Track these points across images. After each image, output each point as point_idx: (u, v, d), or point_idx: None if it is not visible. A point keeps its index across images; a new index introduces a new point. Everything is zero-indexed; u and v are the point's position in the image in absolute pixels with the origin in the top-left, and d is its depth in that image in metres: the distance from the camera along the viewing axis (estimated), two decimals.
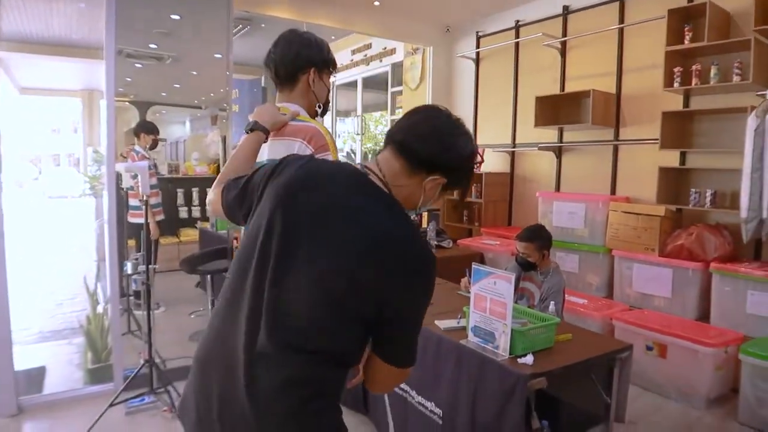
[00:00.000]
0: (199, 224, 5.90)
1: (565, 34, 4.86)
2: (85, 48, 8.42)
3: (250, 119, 1.53)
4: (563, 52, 4.91)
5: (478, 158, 1.20)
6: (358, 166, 1.17)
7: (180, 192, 6.09)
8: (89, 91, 12.88)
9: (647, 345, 3.53)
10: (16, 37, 7.33)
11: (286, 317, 1.02)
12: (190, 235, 5.92)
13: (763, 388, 3.05)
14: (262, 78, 9.35)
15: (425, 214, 5.09)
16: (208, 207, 1.36)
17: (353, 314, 1.04)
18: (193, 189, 6.17)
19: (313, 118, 1.69)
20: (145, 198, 2.92)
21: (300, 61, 1.65)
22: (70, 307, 5.33)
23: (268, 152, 1.57)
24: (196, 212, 6.08)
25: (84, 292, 3.93)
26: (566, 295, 3.38)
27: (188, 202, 6.12)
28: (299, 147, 1.55)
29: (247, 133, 1.49)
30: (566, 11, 4.85)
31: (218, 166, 6.55)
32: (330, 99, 1.78)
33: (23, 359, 3.32)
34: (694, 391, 3.33)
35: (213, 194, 1.33)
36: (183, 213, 6.06)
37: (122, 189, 4.12)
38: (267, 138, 1.52)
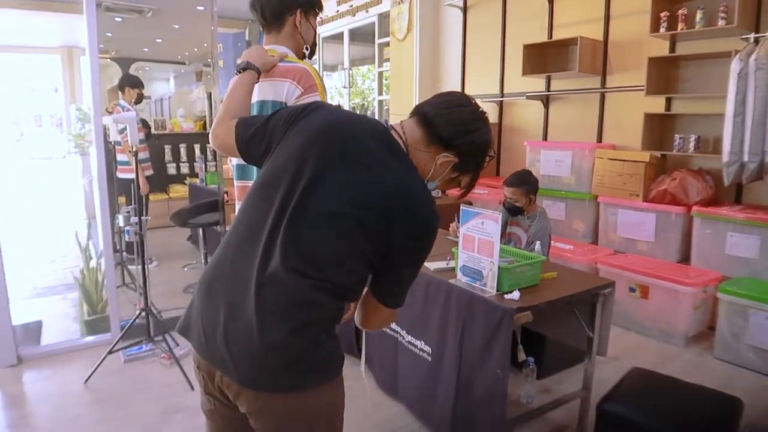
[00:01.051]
0: (188, 180, 5.89)
1: None
2: (63, 2, 8.18)
3: (238, 62, 1.55)
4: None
5: (492, 153, 1.28)
6: (383, 123, 1.24)
7: (167, 148, 6.05)
8: (68, 47, 12.52)
9: (630, 287, 3.65)
10: None
11: (300, 246, 1.10)
12: (179, 191, 5.93)
13: (738, 324, 3.19)
14: (246, 31, 9.15)
15: None
16: (213, 141, 1.39)
17: (359, 253, 1.13)
18: (181, 145, 6.13)
19: (301, 60, 1.70)
20: (134, 149, 2.92)
21: (286, 3, 1.65)
22: (63, 264, 5.36)
23: (258, 93, 1.58)
24: (184, 168, 6.06)
25: (75, 249, 3.96)
26: (552, 242, 3.47)
27: (176, 158, 6.09)
28: (288, 88, 1.57)
29: (239, 72, 1.50)
30: None
31: (205, 123, 6.49)
32: (317, 41, 1.78)
33: (19, 314, 3.36)
34: (673, 329, 3.47)
35: (222, 129, 1.36)
36: (171, 169, 6.05)
37: (110, 143, 4.09)
38: (259, 78, 1.53)
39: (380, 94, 7.45)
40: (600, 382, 2.48)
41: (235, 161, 1.79)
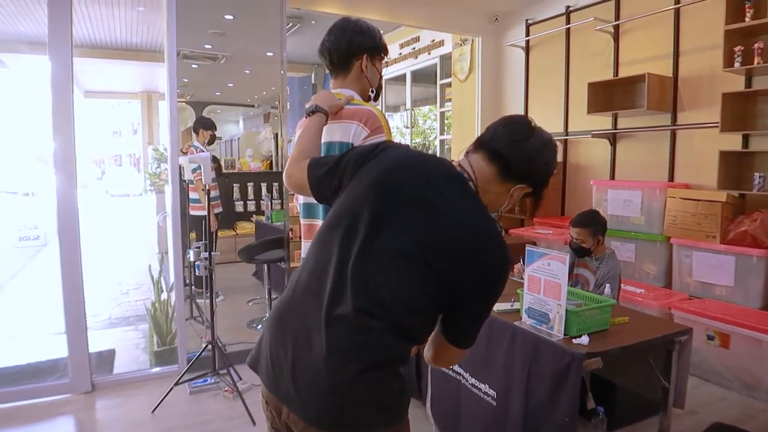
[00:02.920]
0: (254, 217, 6.10)
1: (618, 18, 4.74)
2: (144, 51, 8.82)
3: (307, 105, 1.61)
4: (616, 37, 4.79)
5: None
6: (454, 164, 1.24)
7: (236, 187, 6.30)
8: (148, 93, 13.45)
9: (708, 334, 3.43)
10: (82, 42, 7.75)
11: (369, 286, 1.10)
12: (245, 228, 6.13)
13: None
14: (312, 75, 9.54)
15: None
16: (286, 180, 1.44)
17: (427, 294, 1.12)
18: (248, 184, 6.37)
19: (367, 102, 1.75)
20: (207, 188, 3.05)
21: (353, 48, 1.71)
22: (135, 296, 5.62)
23: (326, 134, 1.63)
24: (251, 206, 6.28)
25: (146, 282, 4.15)
26: (622, 284, 3.32)
27: (244, 196, 6.33)
28: (355, 129, 1.61)
29: (308, 115, 1.57)
30: None
31: (271, 163, 6.74)
32: (383, 84, 1.83)
33: (95, 342, 3.53)
34: (758, 382, 3.21)
35: (295, 169, 1.41)
36: (239, 207, 6.28)
37: (184, 181, 4.30)
38: (327, 120, 1.59)
39: (442, 133, 7.52)
40: None
41: (302, 200, 1.84)
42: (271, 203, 5.42)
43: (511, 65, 6.05)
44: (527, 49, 5.77)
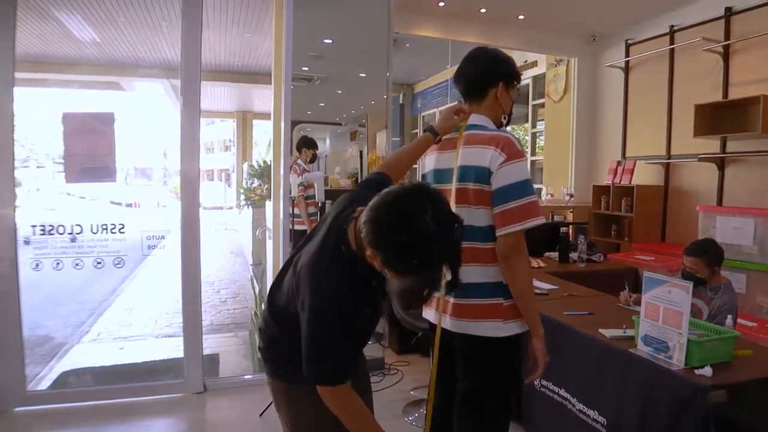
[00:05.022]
0: None
1: (727, 38, 4.55)
2: (243, 73, 9.32)
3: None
4: (726, 57, 4.60)
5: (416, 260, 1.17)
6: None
7: (327, 203, 6.53)
8: (243, 112, 14.19)
9: None
10: None
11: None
12: None
13: None
14: (401, 95, 9.75)
15: (571, 228, 4.98)
16: None
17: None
18: None
19: (498, 129, 1.80)
20: (320, 204, 3.22)
21: (490, 76, 1.79)
22: (233, 305, 5.94)
23: (461, 158, 1.71)
24: None
25: (242, 292, 4.38)
26: None
27: None
28: (492, 155, 1.66)
29: (425, 131, 1.78)
30: (728, 13, 4.55)
31: (357, 180, 6.94)
32: (513, 111, 1.89)
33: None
34: None
35: None
36: None
37: (291, 198, 4.53)
38: (438, 140, 1.77)
39: (533, 154, 7.44)
40: None
41: None
42: None
43: (608, 86, 5.93)
44: (626, 70, 5.64)
